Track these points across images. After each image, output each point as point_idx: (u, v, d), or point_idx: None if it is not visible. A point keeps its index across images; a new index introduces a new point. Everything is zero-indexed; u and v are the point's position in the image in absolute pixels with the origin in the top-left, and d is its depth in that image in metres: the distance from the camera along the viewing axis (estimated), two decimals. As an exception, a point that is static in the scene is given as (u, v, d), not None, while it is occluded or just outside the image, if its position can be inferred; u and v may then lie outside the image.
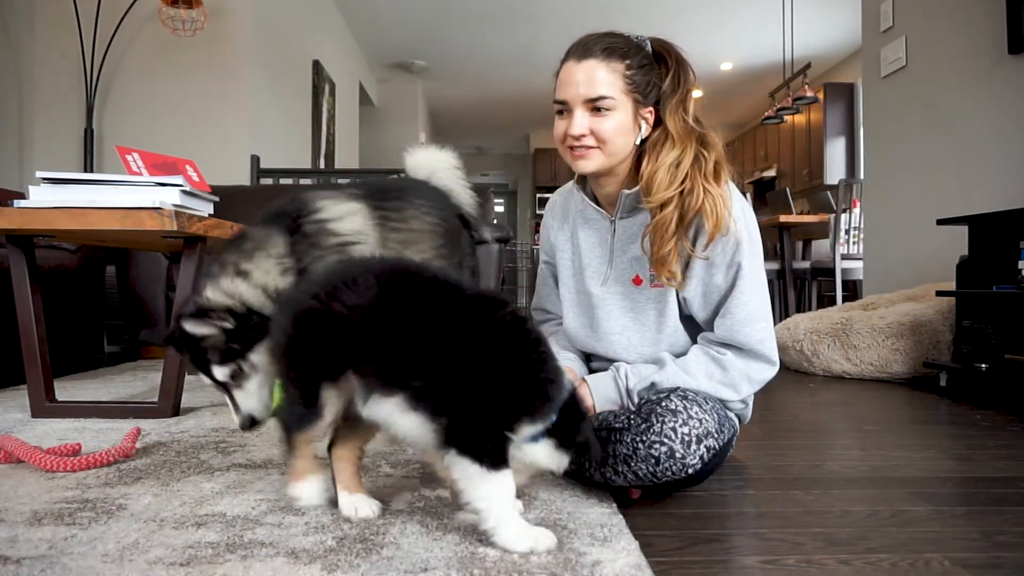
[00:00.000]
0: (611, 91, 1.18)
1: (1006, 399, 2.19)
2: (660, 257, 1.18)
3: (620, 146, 1.21)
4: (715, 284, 1.20)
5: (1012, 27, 2.71)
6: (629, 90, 1.19)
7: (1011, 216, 2.22)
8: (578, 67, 1.19)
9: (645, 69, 1.21)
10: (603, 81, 1.18)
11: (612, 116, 1.19)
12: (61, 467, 1.25)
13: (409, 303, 0.94)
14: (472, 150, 12.48)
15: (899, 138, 3.49)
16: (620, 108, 1.19)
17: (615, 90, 1.18)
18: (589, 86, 1.18)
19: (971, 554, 0.95)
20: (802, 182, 7.50)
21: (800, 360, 2.91)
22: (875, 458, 1.50)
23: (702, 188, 1.17)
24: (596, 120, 1.19)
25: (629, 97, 1.19)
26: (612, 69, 1.18)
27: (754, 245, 1.21)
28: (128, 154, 1.88)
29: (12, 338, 1.83)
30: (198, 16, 3.72)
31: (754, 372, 1.21)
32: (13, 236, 1.75)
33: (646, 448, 1.08)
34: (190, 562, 0.86)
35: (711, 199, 1.16)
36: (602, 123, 1.19)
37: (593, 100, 1.18)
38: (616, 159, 1.23)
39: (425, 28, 6.55)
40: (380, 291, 0.95)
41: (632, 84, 1.19)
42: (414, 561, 0.86)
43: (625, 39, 1.22)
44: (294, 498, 1.04)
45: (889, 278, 3.52)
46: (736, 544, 1.02)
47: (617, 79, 1.18)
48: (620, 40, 1.21)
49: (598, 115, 1.19)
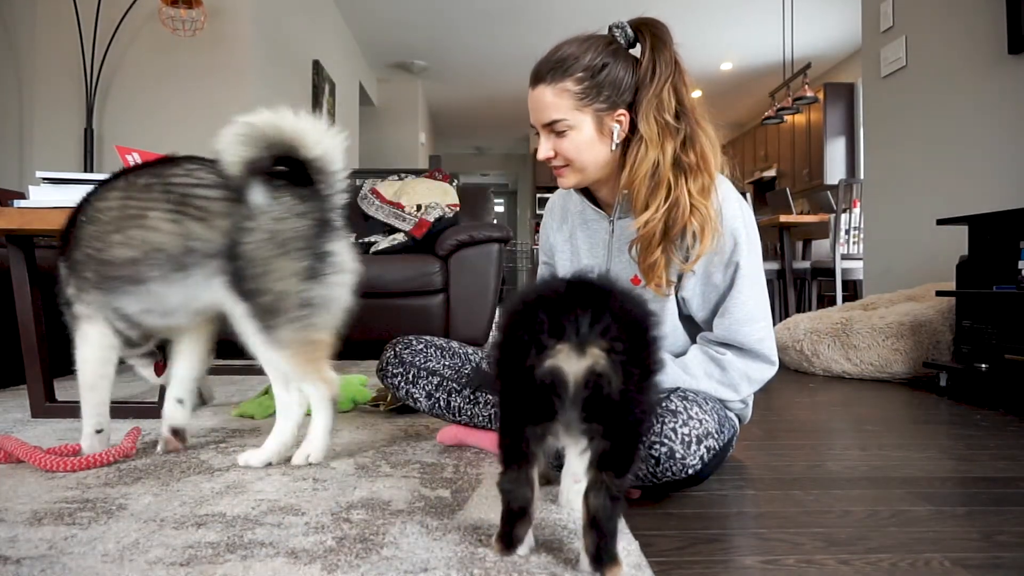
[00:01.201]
0: (561, 113, 1.16)
1: (1006, 399, 2.19)
2: (646, 267, 1.17)
3: (589, 161, 1.20)
4: (713, 284, 1.20)
5: (1012, 27, 2.71)
6: (583, 105, 1.16)
7: (1011, 216, 2.22)
8: (532, 95, 1.19)
9: (605, 71, 1.15)
10: (551, 105, 1.16)
11: (570, 135, 1.18)
12: (61, 467, 1.25)
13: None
14: (472, 150, 12.49)
15: (899, 138, 3.49)
16: (577, 125, 1.17)
17: (565, 110, 1.16)
18: (540, 112, 1.18)
19: (971, 554, 0.95)
20: (802, 182, 7.50)
21: (800, 360, 2.91)
22: (875, 458, 1.50)
23: (687, 202, 1.13)
24: (559, 141, 1.19)
25: (585, 111, 1.16)
26: (559, 90, 1.16)
27: (752, 244, 1.21)
28: (128, 154, 1.88)
29: (12, 338, 1.83)
30: (198, 16, 3.72)
31: (753, 372, 1.21)
32: (13, 236, 1.75)
33: (646, 448, 1.08)
34: (190, 562, 0.86)
35: (699, 216, 1.13)
36: (562, 144, 1.19)
37: (548, 125, 1.18)
38: (590, 172, 1.22)
39: (425, 28, 6.56)
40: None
41: (585, 97, 1.15)
42: (414, 561, 0.86)
43: (578, 44, 1.17)
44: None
45: (889, 278, 3.52)
46: (736, 544, 1.02)
47: (564, 99, 1.16)
48: (570, 50, 1.17)
49: (559, 136, 1.18)
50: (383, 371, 1.56)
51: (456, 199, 3.41)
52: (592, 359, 0.76)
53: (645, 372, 0.80)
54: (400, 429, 1.65)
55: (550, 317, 0.77)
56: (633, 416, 0.79)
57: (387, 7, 6.07)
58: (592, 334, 0.76)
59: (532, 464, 0.82)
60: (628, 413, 0.78)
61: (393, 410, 1.84)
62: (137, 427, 1.43)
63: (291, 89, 4.93)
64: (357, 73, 7.02)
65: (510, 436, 0.82)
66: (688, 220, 1.13)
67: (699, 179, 1.15)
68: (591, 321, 0.76)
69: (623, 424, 0.79)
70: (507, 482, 0.82)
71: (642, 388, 0.79)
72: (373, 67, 7.73)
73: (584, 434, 0.80)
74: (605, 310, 0.77)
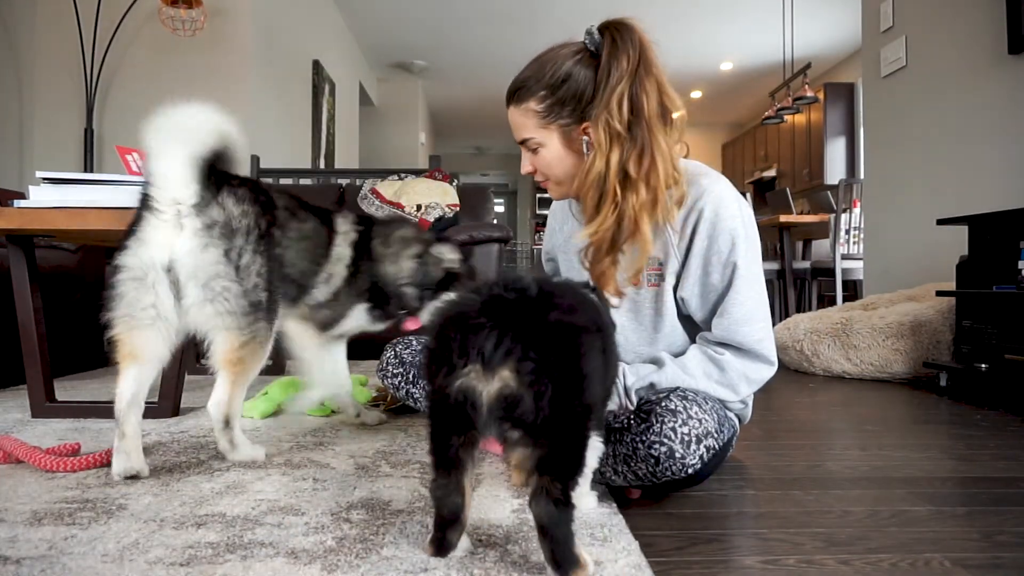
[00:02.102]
0: (529, 132, 1.20)
1: (1006, 399, 2.19)
2: (596, 275, 1.19)
3: (563, 174, 1.23)
4: (712, 283, 1.19)
5: (1012, 27, 2.71)
6: (547, 123, 1.18)
7: (1011, 216, 2.22)
8: (508, 113, 1.24)
9: (565, 86, 1.14)
10: (519, 125, 1.21)
11: (541, 152, 1.21)
12: (61, 467, 1.25)
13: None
14: (472, 150, 12.49)
15: (899, 138, 3.49)
16: (545, 142, 1.20)
17: (532, 129, 1.20)
18: (514, 131, 1.24)
19: (971, 554, 0.95)
20: (802, 182, 7.51)
21: (800, 360, 2.91)
22: (875, 458, 1.50)
23: (633, 221, 1.12)
24: (534, 158, 1.24)
25: (551, 128, 1.18)
26: (524, 111, 1.19)
27: (751, 244, 1.20)
28: (128, 154, 1.88)
29: (12, 338, 1.83)
30: (198, 16, 3.72)
31: (752, 372, 1.20)
32: (13, 236, 1.75)
33: (646, 448, 1.08)
34: (190, 562, 0.86)
35: (638, 234, 1.13)
36: (537, 160, 1.23)
37: (523, 143, 1.23)
38: (569, 185, 1.24)
39: (425, 28, 6.56)
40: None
41: (548, 115, 1.17)
42: (414, 561, 0.86)
43: (538, 64, 1.18)
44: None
45: (889, 278, 3.52)
46: (736, 544, 1.02)
47: (529, 118, 1.19)
48: (530, 71, 1.18)
49: (534, 153, 1.23)
50: (383, 371, 1.56)
51: (456, 199, 3.42)
52: (501, 381, 0.75)
53: (572, 381, 0.77)
54: (400, 429, 1.65)
55: (461, 336, 0.77)
56: (563, 423, 0.77)
57: (387, 7, 6.07)
58: (498, 356, 0.74)
59: (462, 471, 0.82)
60: (555, 422, 0.77)
61: (393, 410, 1.84)
62: (137, 427, 1.42)
63: (291, 89, 4.93)
64: (357, 73, 7.02)
65: (437, 444, 0.82)
66: (631, 235, 1.14)
67: (640, 194, 1.12)
68: (497, 343, 0.75)
69: (552, 432, 0.77)
70: (438, 489, 0.82)
71: (571, 396, 0.77)
72: (373, 67, 7.73)
73: (514, 444, 0.79)
74: (517, 328, 0.76)
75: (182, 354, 1.80)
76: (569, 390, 0.77)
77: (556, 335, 0.78)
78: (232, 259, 1.24)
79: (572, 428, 0.79)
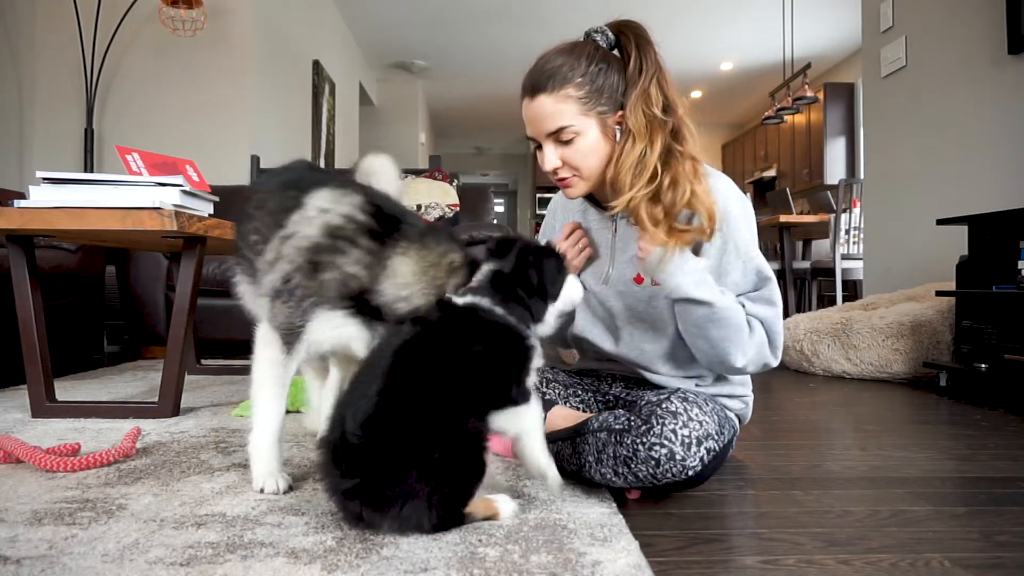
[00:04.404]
0: (566, 119, 1.15)
1: (1006, 399, 2.19)
2: (651, 219, 1.12)
3: (595, 166, 1.20)
4: (732, 281, 1.19)
5: (1012, 27, 2.71)
6: (587, 109, 1.16)
7: (1011, 216, 2.22)
8: (530, 104, 1.18)
9: (602, 75, 1.16)
10: (555, 113, 1.15)
11: (577, 142, 1.17)
12: (61, 467, 1.25)
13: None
14: (472, 150, 12.48)
15: (899, 138, 3.49)
16: (584, 130, 1.16)
17: (571, 116, 1.15)
18: (545, 121, 1.17)
19: (971, 554, 0.96)
20: (802, 182, 7.50)
21: (800, 360, 2.91)
22: (875, 458, 1.50)
23: (688, 184, 1.11)
24: (565, 150, 1.18)
25: (590, 115, 1.16)
26: (562, 98, 1.15)
27: (753, 239, 1.22)
28: (128, 154, 1.88)
29: (12, 338, 1.83)
30: (198, 16, 3.72)
31: (764, 351, 1.19)
32: (13, 236, 1.75)
33: (646, 450, 1.08)
34: (190, 562, 0.86)
35: (697, 200, 1.12)
36: (568, 152, 1.18)
37: (554, 133, 1.17)
38: (597, 178, 1.22)
39: (425, 28, 6.55)
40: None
41: (589, 101, 1.15)
42: (414, 561, 0.86)
43: (569, 53, 1.17)
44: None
45: (889, 278, 3.52)
46: (736, 544, 1.02)
47: (570, 104, 1.15)
48: (563, 59, 1.16)
49: (565, 145, 1.17)
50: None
51: (456, 199, 3.42)
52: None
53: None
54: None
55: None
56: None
57: (387, 7, 6.06)
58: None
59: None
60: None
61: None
62: (137, 427, 1.42)
63: (291, 89, 4.93)
64: (357, 73, 7.02)
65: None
66: (688, 202, 1.12)
67: (688, 162, 1.15)
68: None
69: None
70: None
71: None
72: (373, 67, 7.73)
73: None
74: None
75: (182, 354, 1.80)
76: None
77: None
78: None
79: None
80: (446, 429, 0.92)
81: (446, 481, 0.92)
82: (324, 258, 1.08)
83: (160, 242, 2.04)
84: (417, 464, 0.90)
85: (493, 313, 1.01)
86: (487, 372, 0.98)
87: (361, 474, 0.90)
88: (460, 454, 0.93)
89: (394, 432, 0.90)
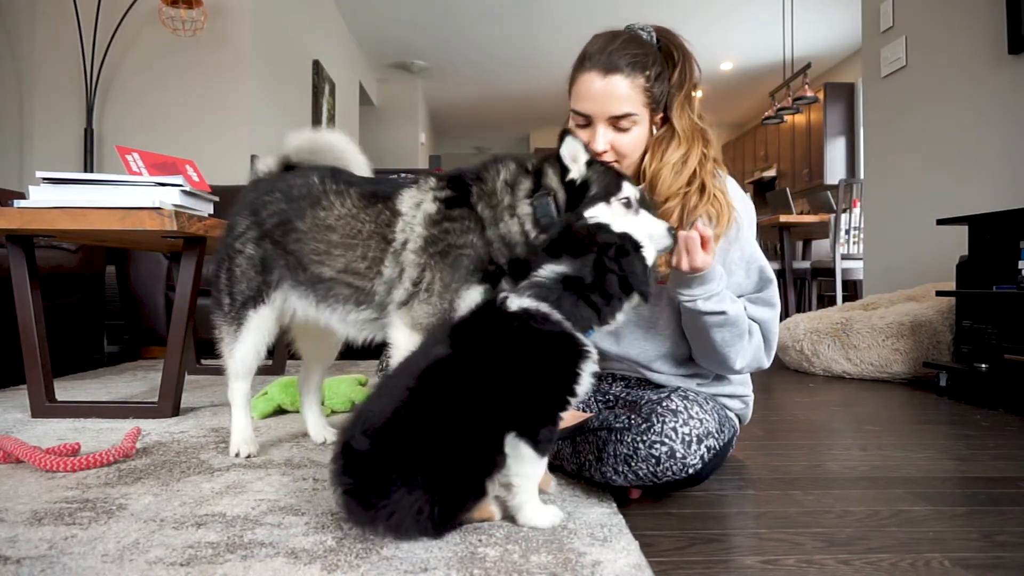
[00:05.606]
0: (634, 107, 1.17)
1: (1006, 399, 2.19)
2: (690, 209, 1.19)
3: (636, 157, 1.23)
4: (736, 281, 1.22)
5: (1012, 27, 2.71)
6: (648, 103, 1.19)
7: (1011, 216, 2.22)
8: (603, 81, 1.16)
9: (661, 77, 1.20)
10: (628, 98, 1.16)
11: (634, 131, 1.19)
12: (61, 467, 1.25)
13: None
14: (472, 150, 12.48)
15: (899, 138, 3.49)
16: (641, 122, 1.20)
17: (638, 105, 1.18)
18: (615, 103, 1.16)
19: (971, 554, 0.95)
20: (802, 182, 7.50)
21: (800, 360, 2.91)
22: (875, 458, 1.50)
23: (712, 189, 1.18)
24: (618, 136, 1.19)
25: (647, 109, 1.20)
26: (636, 85, 1.17)
27: (753, 236, 1.25)
28: (128, 154, 1.88)
29: (12, 338, 1.83)
30: (198, 16, 3.72)
31: (760, 354, 1.23)
32: (13, 236, 1.75)
33: (647, 448, 1.08)
34: (190, 562, 0.86)
35: (717, 204, 1.17)
36: (623, 139, 1.19)
37: (618, 118, 1.17)
38: (635, 169, 1.25)
39: (425, 28, 6.55)
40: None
41: (651, 96, 1.19)
42: (414, 561, 0.86)
43: (643, 46, 1.20)
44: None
45: (889, 278, 3.52)
46: (736, 544, 1.02)
47: (639, 94, 1.17)
48: (641, 50, 1.18)
49: (620, 131, 1.19)
50: (383, 371, 1.56)
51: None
52: None
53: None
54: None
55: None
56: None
57: (387, 7, 6.06)
58: None
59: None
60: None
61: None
62: (137, 427, 1.43)
63: (291, 89, 4.93)
64: (357, 73, 7.02)
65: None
66: (708, 206, 1.17)
67: (710, 163, 1.22)
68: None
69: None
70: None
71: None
72: (373, 67, 7.73)
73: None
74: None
75: (182, 354, 1.80)
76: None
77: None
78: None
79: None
80: (457, 457, 0.90)
81: (441, 501, 0.90)
82: (440, 246, 1.15)
83: (160, 242, 2.04)
84: (414, 482, 0.88)
85: (549, 320, 0.94)
86: (518, 397, 0.93)
87: (356, 478, 0.90)
88: (465, 478, 0.92)
89: (400, 451, 0.88)
